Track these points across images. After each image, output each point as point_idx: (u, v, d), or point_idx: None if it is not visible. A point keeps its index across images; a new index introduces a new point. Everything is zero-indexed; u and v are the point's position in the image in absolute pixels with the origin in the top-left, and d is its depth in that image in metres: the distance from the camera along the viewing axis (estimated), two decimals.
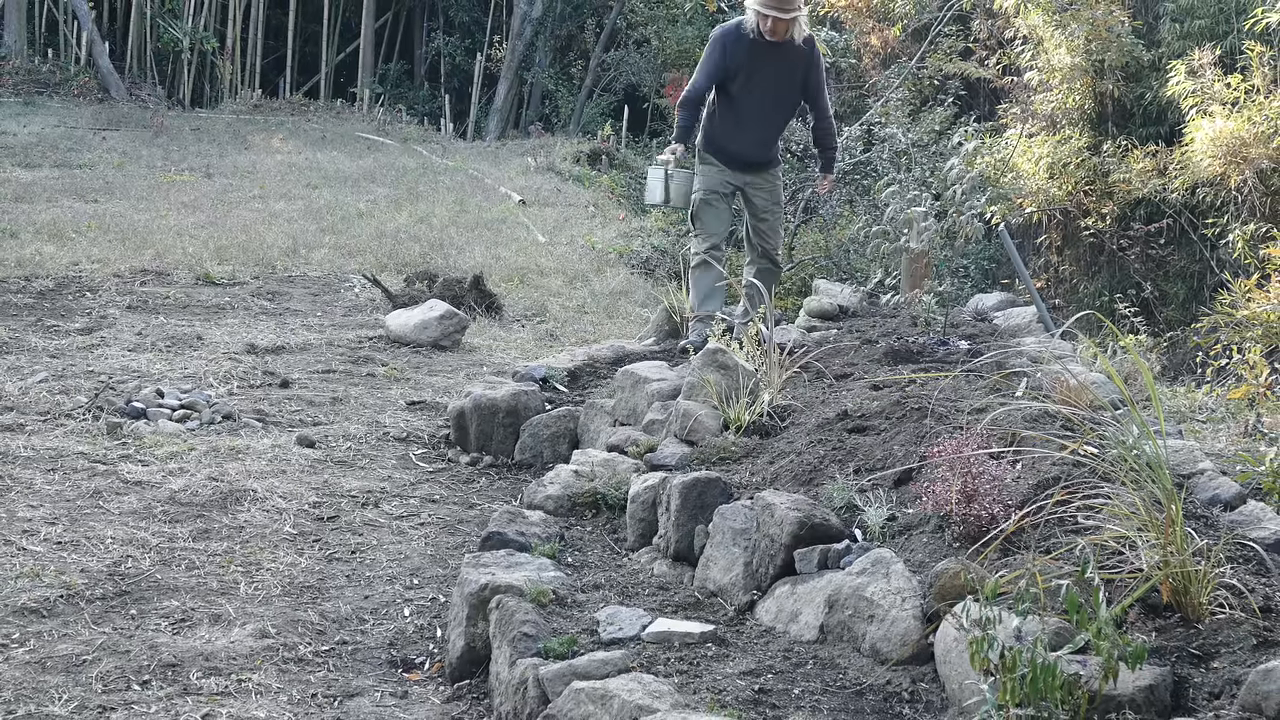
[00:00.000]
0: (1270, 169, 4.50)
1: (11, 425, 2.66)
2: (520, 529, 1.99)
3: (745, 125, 2.81)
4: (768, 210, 2.90)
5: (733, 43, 2.75)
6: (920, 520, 1.69)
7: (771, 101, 2.80)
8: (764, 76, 2.76)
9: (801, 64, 2.79)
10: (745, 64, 2.75)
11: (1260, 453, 2.01)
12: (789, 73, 2.78)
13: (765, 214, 2.89)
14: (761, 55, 2.74)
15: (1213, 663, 1.28)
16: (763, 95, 2.78)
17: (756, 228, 2.91)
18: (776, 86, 2.79)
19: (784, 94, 2.82)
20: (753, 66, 2.75)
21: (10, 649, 1.67)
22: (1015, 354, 2.50)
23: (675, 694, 1.34)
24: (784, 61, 2.76)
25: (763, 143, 2.86)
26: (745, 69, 2.75)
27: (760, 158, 2.87)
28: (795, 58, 2.77)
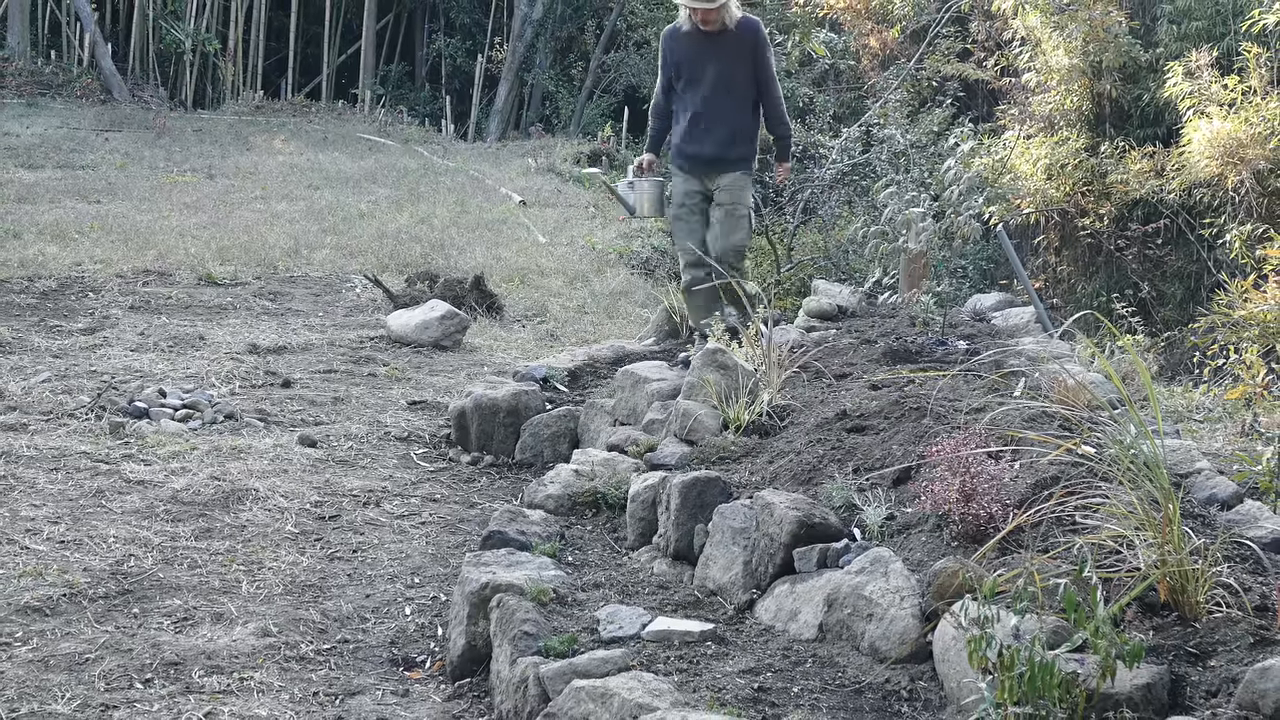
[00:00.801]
0: (1267, 170, 4.51)
1: (15, 425, 2.67)
2: (521, 528, 2.00)
3: (698, 122, 2.70)
4: (722, 211, 2.74)
5: (672, 41, 2.71)
6: (919, 519, 1.70)
7: (720, 94, 2.68)
8: (707, 70, 2.67)
9: (746, 50, 2.69)
10: (688, 60, 2.68)
11: (1257, 452, 2.02)
12: (733, 62, 2.67)
13: (718, 215, 2.74)
14: (702, 48, 2.66)
15: (1210, 661, 1.29)
16: (710, 89, 2.68)
17: (710, 229, 2.77)
18: (722, 78, 2.68)
19: (732, 85, 2.69)
20: (695, 61, 2.68)
21: (13, 647, 1.67)
22: (1013, 354, 2.51)
23: (675, 692, 1.35)
24: (725, 50, 2.66)
25: (719, 139, 2.71)
26: (688, 65, 2.68)
27: (719, 154, 2.73)
28: (736, 45, 2.67)
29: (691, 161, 2.75)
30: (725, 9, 2.62)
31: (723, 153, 2.73)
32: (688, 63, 2.69)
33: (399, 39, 12.28)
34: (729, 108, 2.71)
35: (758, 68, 2.72)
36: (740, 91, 2.72)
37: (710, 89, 2.68)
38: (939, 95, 5.75)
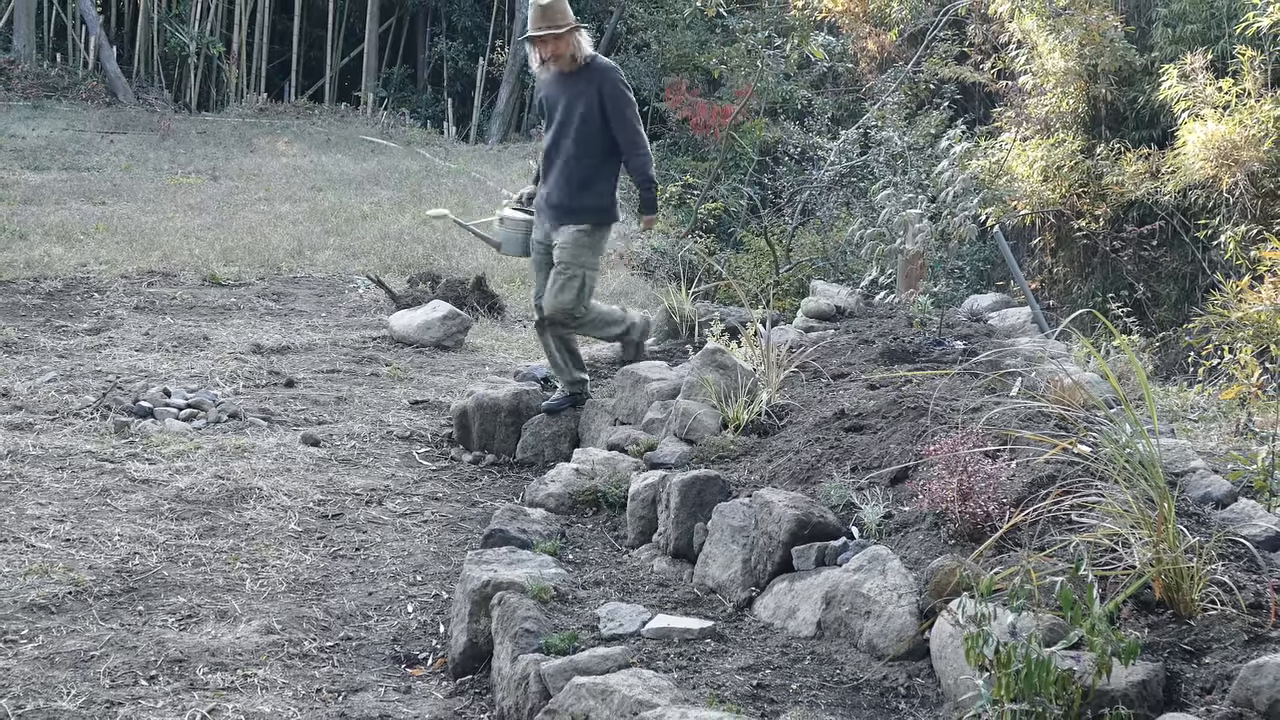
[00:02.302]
0: (1261, 171, 4.51)
1: (20, 424, 2.68)
2: (522, 526, 2.01)
3: (548, 165, 2.49)
4: (552, 271, 2.49)
5: (539, 76, 2.53)
6: (916, 518, 1.71)
7: (568, 139, 2.44)
8: (559, 111, 2.46)
9: (594, 94, 2.41)
10: (546, 98, 2.49)
11: (1251, 451, 2.04)
12: (583, 105, 2.41)
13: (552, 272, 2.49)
14: (556, 87, 2.45)
15: (1204, 658, 1.30)
16: (560, 132, 2.45)
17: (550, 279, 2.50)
18: (572, 121, 2.43)
19: (582, 130, 2.42)
20: (551, 100, 2.48)
21: (19, 645, 1.69)
22: (1010, 354, 2.52)
23: (675, 689, 1.36)
24: (576, 92, 2.42)
25: (568, 188, 2.45)
26: (547, 104, 2.50)
27: (561, 202, 2.46)
28: (586, 87, 2.41)
29: (542, 208, 2.54)
30: (574, 43, 2.38)
31: (565, 201, 2.47)
32: (546, 101, 2.49)
33: (401, 42, 12.33)
34: (575, 154, 2.44)
35: (610, 115, 2.43)
36: (590, 138, 2.43)
37: (560, 131, 2.46)
38: (936, 98, 5.76)
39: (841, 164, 5.11)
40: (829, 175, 5.26)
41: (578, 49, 2.41)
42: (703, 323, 3.18)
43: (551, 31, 2.38)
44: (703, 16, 8.58)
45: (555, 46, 2.41)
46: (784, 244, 5.76)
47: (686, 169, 8.49)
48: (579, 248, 2.46)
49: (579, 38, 2.41)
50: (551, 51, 2.41)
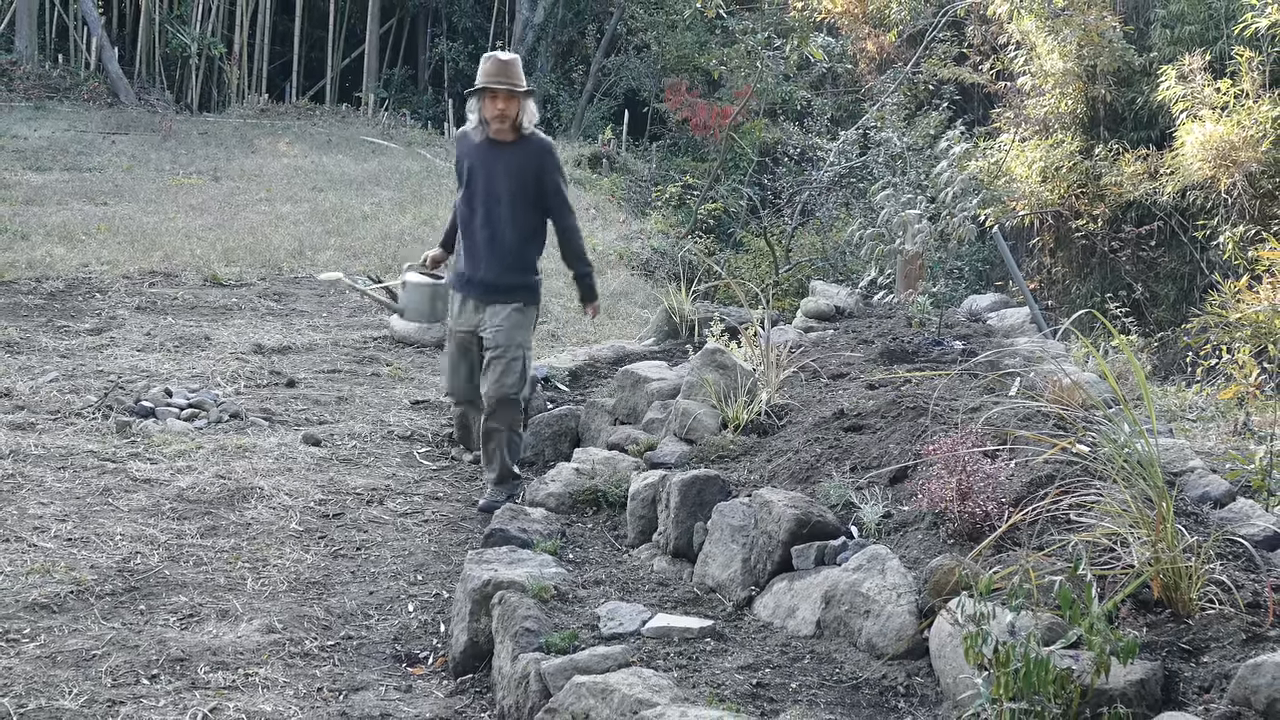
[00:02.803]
0: (1259, 172, 4.53)
1: (23, 424, 2.69)
2: (522, 526, 2.02)
3: (474, 240, 2.25)
4: (489, 356, 2.25)
5: (462, 142, 2.28)
6: (915, 517, 1.72)
7: (500, 213, 2.23)
8: (490, 183, 2.23)
9: (531, 169, 2.23)
10: (473, 167, 2.25)
11: (1249, 451, 2.04)
12: (518, 179, 2.23)
13: (488, 359, 2.25)
14: (487, 157, 2.23)
15: (1203, 657, 1.30)
16: (492, 205, 2.23)
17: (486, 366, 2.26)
18: (504, 195, 2.23)
19: (515, 206, 2.23)
20: (479, 170, 2.24)
21: (21, 644, 1.69)
22: (1009, 354, 2.53)
23: (675, 688, 1.37)
24: (512, 165, 2.22)
25: (501, 265, 2.24)
26: (473, 173, 2.25)
27: (492, 281, 2.25)
28: (523, 161, 2.23)
29: (465, 287, 2.29)
30: (521, 112, 2.18)
31: (498, 279, 2.25)
32: (471, 174, 2.25)
33: (402, 43, 12.35)
34: (509, 230, 2.24)
35: (545, 192, 2.25)
36: (526, 214, 2.25)
37: (489, 204, 2.23)
38: (935, 99, 5.79)
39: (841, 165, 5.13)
40: (828, 176, 5.27)
41: (527, 116, 2.21)
42: (703, 323, 3.18)
43: (512, 88, 2.18)
44: (702, 18, 8.61)
45: (508, 107, 2.18)
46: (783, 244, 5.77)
47: (686, 170, 8.50)
48: (516, 328, 2.24)
49: (530, 105, 2.22)
50: (502, 111, 2.18)
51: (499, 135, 2.24)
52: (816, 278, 4.83)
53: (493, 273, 2.27)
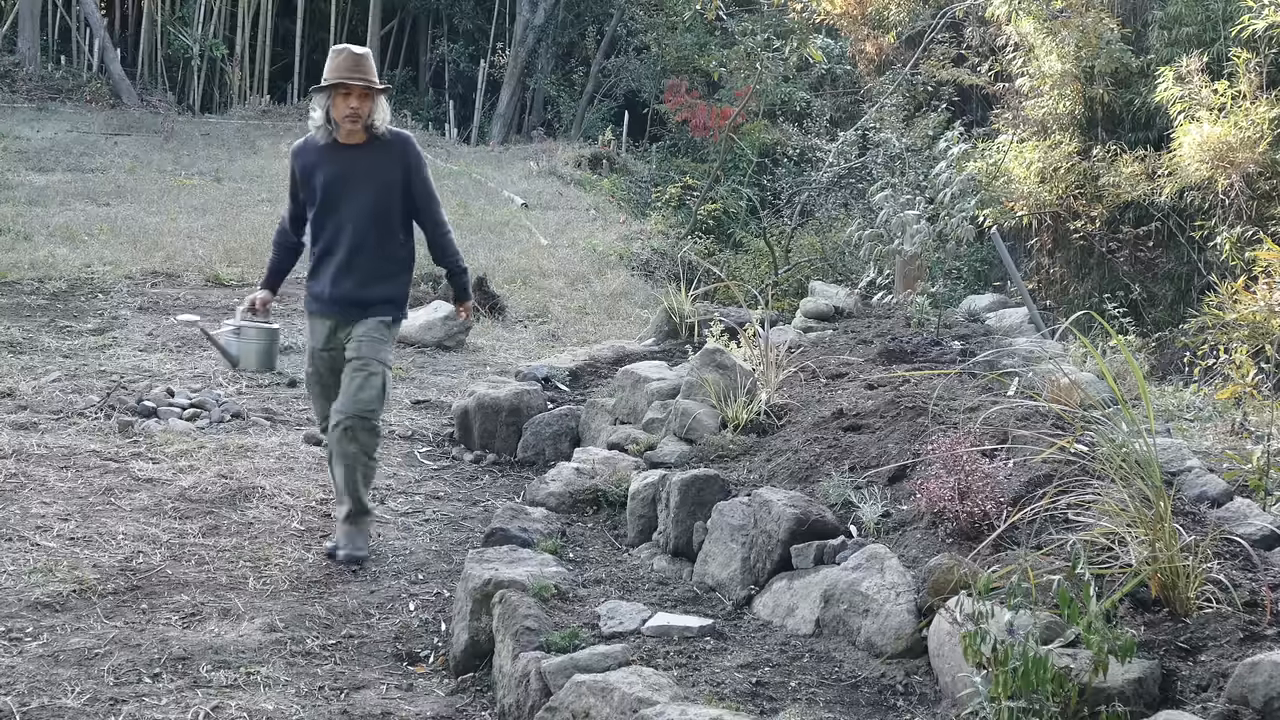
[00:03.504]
0: (1257, 173, 4.54)
1: (25, 424, 2.70)
2: (523, 525, 2.02)
3: (333, 256, 2.03)
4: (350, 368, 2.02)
5: (303, 156, 2.05)
6: (914, 517, 1.72)
7: (363, 222, 2.01)
8: (348, 191, 2.01)
9: (397, 168, 2.02)
10: (324, 179, 2.01)
11: (1247, 451, 2.04)
12: (381, 182, 2.01)
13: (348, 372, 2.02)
14: (341, 165, 2.01)
15: (1200, 656, 1.31)
16: (351, 216, 2.01)
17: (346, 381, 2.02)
18: (366, 202, 2.01)
19: (379, 211, 2.02)
20: (333, 181, 2.01)
21: (24, 642, 1.70)
22: (1007, 354, 2.54)
23: (674, 687, 1.37)
24: (371, 167, 2.01)
25: (358, 278, 2.02)
26: (324, 186, 2.01)
27: (357, 296, 2.03)
28: (385, 161, 2.02)
29: (324, 304, 2.06)
30: (375, 110, 1.96)
31: (361, 294, 2.04)
32: (324, 183, 2.01)
33: (403, 45, 12.38)
34: (372, 239, 2.03)
35: (413, 189, 2.03)
36: (388, 219, 2.04)
37: (351, 216, 2.01)
38: (934, 100, 5.81)
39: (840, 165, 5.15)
40: (827, 177, 5.29)
41: (382, 115, 1.99)
42: (702, 323, 3.19)
43: (368, 84, 1.96)
44: (702, 19, 8.63)
45: (361, 106, 1.96)
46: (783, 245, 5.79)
47: (686, 170, 8.53)
48: (379, 343, 2.03)
49: (383, 103, 1.99)
50: (355, 110, 1.96)
51: (350, 138, 2.00)
52: (816, 278, 4.84)
53: (359, 288, 2.03)
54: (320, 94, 2.02)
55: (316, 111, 2.02)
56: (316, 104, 2.02)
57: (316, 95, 2.02)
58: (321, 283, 2.08)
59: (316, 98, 2.03)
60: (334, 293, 2.07)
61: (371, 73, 2.02)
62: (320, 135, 2.03)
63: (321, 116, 2.01)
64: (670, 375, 2.73)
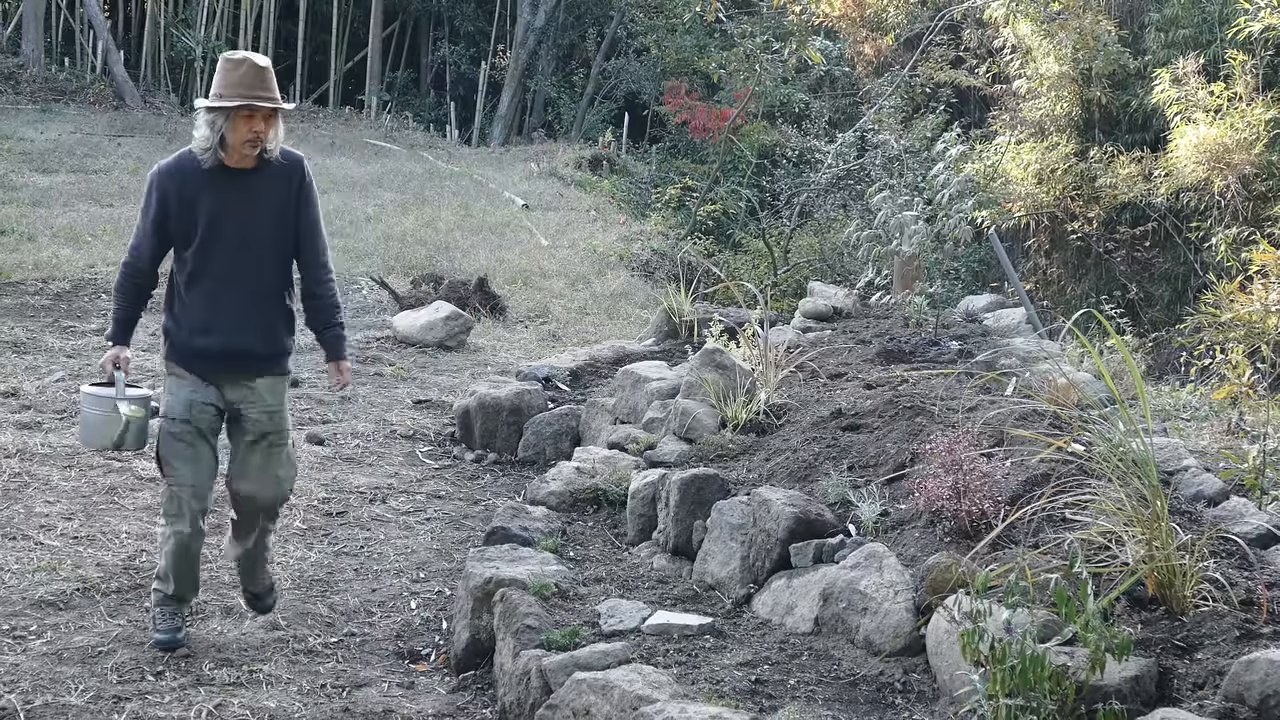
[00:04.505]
0: (1252, 174, 4.57)
1: (29, 423, 2.71)
2: (523, 524, 2.03)
3: (216, 302, 1.67)
4: (265, 444, 1.70)
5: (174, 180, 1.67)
6: (913, 516, 1.73)
7: (253, 260, 1.68)
8: (235, 222, 1.67)
9: (291, 195, 1.69)
10: (205, 209, 1.66)
11: (1243, 450, 2.06)
12: (272, 211, 1.69)
13: (258, 449, 1.70)
14: (226, 192, 1.66)
15: (1197, 654, 1.32)
16: (238, 251, 1.67)
17: (245, 462, 1.71)
18: (258, 233, 1.68)
19: (272, 246, 1.69)
20: (216, 211, 1.66)
21: (28, 641, 1.71)
22: (1005, 354, 2.54)
23: (674, 684, 1.38)
24: (262, 194, 1.68)
25: (253, 327, 1.69)
26: (206, 217, 1.66)
27: (251, 349, 1.69)
28: (277, 185, 1.69)
29: (211, 360, 1.68)
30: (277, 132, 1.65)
31: (260, 346, 1.70)
32: (210, 214, 1.66)
33: (405, 46, 12.39)
34: (266, 280, 1.70)
35: (302, 226, 1.71)
36: (283, 257, 1.71)
37: (240, 253, 1.67)
38: (932, 101, 5.83)
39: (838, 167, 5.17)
40: (826, 178, 5.31)
41: (279, 138, 1.67)
42: (702, 323, 3.20)
43: (276, 105, 1.65)
44: (702, 21, 8.64)
45: (267, 129, 1.64)
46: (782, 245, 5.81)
47: (686, 171, 8.54)
48: (283, 405, 1.72)
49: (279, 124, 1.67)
50: (258, 135, 1.63)
51: (241, 163, 1.65)
52: (814, 279, 4.86)
53: (252, 338, 1.69)
54: (211, 114, 1.63)
55: (203, 130, 1.64)
56: (204, 122, 1.64)
57: (207, 112, 1.64)
58: (206, 333, 1.67)
59: (205, 114, 1.65)
60: (226, 345, 1.67)
61: (275, 89, 1.67)
62: (207, 158, 1.64)
63: (212, 138, 1.63)
64: (670, 375, 2.74)
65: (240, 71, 1.67)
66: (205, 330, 1.71)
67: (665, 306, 3.50)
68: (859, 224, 4.10)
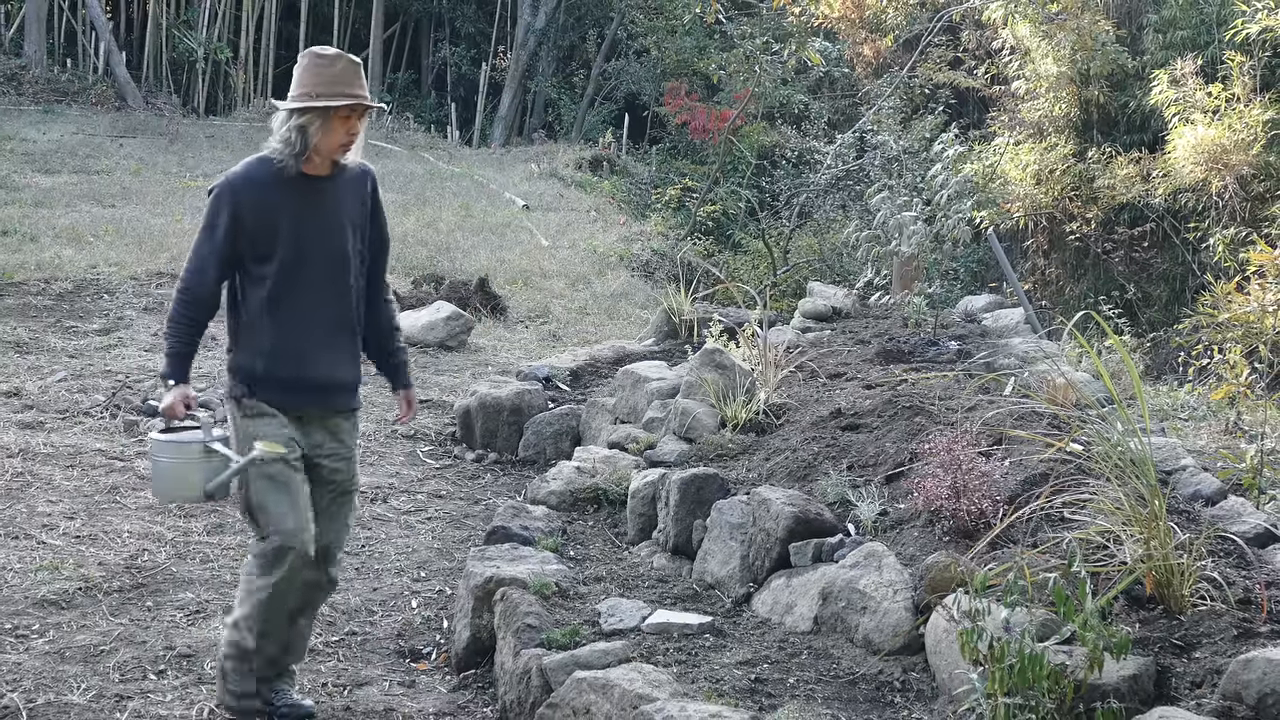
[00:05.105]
0: (1250, 175, 4.58)
1: (32, 423, 2.72)
2: (524, 523, 2.04)
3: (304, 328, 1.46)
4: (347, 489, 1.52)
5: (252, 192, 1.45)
6: (911, 515, 1.74)
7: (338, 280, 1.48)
8: (320, 238, 1.46)
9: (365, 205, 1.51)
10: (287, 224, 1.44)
11: (1241, 450, 2.07)
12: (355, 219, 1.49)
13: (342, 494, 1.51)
14: (306, 204, 1.44)
15: (1194, 653, 1.32)
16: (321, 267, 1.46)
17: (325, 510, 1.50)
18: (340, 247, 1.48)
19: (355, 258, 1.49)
20: (298, 226, 1.45)
21: (30, 639, 1.71)
22: (1004, 354, 2.55)
23: (674, 683, 1.39)
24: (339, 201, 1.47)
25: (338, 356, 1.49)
26: (288, 233, 1.44)
27: (338, 379, 1.50)
28: (351, 193, 1.49)
29: (296, 394, 1.47)
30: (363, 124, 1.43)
31: (348, 375, 1.50)
32: (293, 227, 1.44)
33: (405, 48, 12.40)
34: (351, 299, 1.50)
35: (375, 232, 1.53)
36: (359, 271, 1.51)
37: (324, 267, 1.46)
38: (931, 102, 5.82)
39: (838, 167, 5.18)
40: (826, 179, 5.32)
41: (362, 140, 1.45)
42: (702, 323, 3.21)
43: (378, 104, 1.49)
44: (702, 23, 8.64)
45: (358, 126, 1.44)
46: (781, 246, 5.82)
47: (685, 172, 8.55)
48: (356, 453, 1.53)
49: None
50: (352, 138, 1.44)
51: (319, 169, 1.44)
52: (814, 279, 4.87)
53: (341, 366, 1.48)
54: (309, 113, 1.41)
55: (289, 133, 1.42)
56: (292, 125, 1.42)
57: (298, 115, 1.41)
58: (298, 363, 1.46)
59: (294, 116, 1.42)
60: (320, 375, 1.46)
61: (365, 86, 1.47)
62: (291, 165, 1.42)
63: (302, 141, 1.41)
64: (670, 375, 2.75)
65: (337, 68, 1.45)
66: (297, 359, 1.46)
67: (665, 307, 3.50)
68: (858, 224, 4.11)
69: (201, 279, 1.50)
